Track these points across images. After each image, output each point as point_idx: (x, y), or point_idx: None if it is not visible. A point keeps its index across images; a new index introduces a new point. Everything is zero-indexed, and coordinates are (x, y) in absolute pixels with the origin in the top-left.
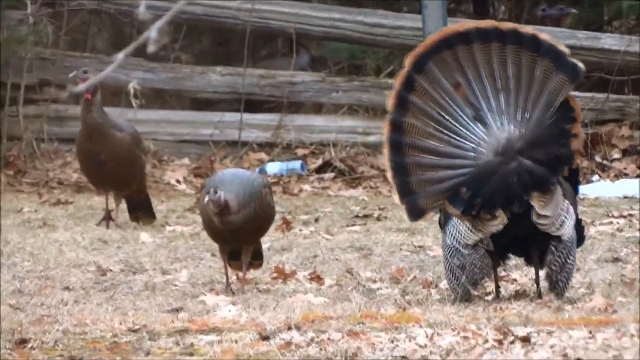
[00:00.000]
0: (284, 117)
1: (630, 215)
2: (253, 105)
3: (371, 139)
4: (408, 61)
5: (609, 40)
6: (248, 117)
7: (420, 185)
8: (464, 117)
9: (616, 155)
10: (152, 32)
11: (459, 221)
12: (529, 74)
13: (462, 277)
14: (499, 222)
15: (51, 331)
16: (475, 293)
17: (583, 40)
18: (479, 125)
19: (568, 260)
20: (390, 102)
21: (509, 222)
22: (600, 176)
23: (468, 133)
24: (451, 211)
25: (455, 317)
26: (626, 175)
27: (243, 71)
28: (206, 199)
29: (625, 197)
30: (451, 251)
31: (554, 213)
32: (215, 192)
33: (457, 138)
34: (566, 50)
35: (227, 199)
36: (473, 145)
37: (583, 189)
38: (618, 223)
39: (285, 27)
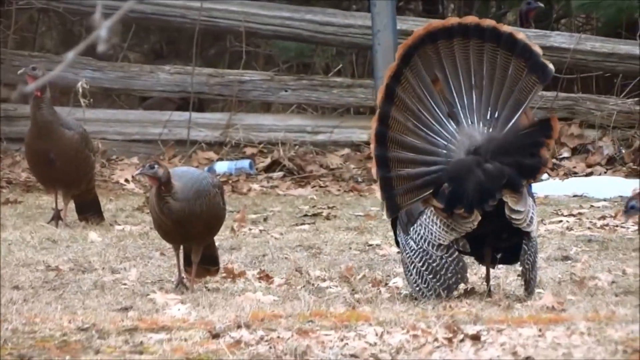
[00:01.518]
0: (233, 116)
1: (580, 213)
2: (202, 104)
3: (320, 137)
4: (397, 53)
5: (559, 38)
6: (197, 116)
7: (399, 182)
8: (438, 113)
9: (565, 154)
10: (102, 31)
11: (430, 221)
12: (502, 73)
13: (432, 281)
14: (474, 219)
15: (0, 330)
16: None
17: (533, 38)
18: (451, 122)
19: (536, 259)
20: (379, 95)
21: (482, 220)
22: (549, 175)
23: (441, 129)
24: (435, 205)
25: (404, 315)
26: (575, 174)
27: (192, 70)
28: (137, 171)
29: (574, 196)
30: (418, 254)
31: (525, 209)
32: (152, 167)
33: (431, 134)
34: (539, 51)
35: (173, 183)
36: (445, 142)
37: (533, 187)
38: (568, 222)
39: (235, 25)
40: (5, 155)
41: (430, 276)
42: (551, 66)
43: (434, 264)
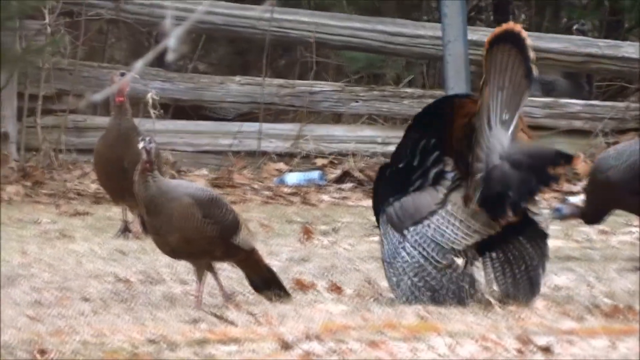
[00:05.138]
0: (303, 127)
1: None
2: (272, 115)
3: (390, 148)
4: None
5: (630, 49)
6: (267, 127)
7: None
8: (482, 117)
9: None
10: (171, 41)
11: (445, 221)
12: (514, 76)
13: (433, 296)
14: (503, 223)
15: (70, 342)
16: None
17: (604, 49)
18: (488, 124)
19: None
20: None
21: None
22: None
23: (483, 132)
24: (477, 209)
25: (475, 326)
26: None
27: (262, 81)
28: (141, 144)
29: None
30: (412, 268)
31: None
32: (150, 142)
33: (480, 138)
34: (532, 55)
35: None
36: (485, 145)
37: None
38: (638, 232)
39: (305, 36)
40: (74, 166)
41: (429, 293)
42: (536, 71)
43: (433, 282)
